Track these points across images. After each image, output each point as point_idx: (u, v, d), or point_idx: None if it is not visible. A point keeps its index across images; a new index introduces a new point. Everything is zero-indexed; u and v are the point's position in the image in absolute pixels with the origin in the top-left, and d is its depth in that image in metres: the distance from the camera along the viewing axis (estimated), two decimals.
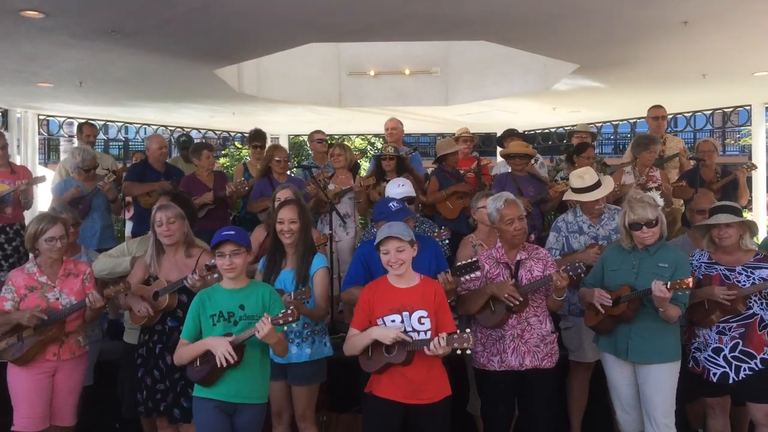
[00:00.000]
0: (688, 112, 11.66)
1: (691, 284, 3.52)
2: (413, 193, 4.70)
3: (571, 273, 3.66)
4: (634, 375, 3.83)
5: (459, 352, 3.19)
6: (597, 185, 4.55)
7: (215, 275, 3.67)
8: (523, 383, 3.82)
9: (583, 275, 3.83)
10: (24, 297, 3.93)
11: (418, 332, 3.31)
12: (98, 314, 4.09)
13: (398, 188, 4.60)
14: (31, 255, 4.20)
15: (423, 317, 3.33)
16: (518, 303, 3.71)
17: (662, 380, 3.71)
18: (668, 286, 3.51)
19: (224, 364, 3.22)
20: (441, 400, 3.38)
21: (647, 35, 6.54)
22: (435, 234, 4.44)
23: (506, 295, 3.72)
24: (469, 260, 3.72)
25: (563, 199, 4.95)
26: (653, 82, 8.69)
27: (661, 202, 3.99)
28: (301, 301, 3.66)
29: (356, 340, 3.38)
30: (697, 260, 4.05)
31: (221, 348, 3.22)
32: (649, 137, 6.43)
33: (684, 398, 4.02)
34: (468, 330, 3.20)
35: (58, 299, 3.95)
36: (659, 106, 7.07)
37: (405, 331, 3.29)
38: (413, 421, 3.37)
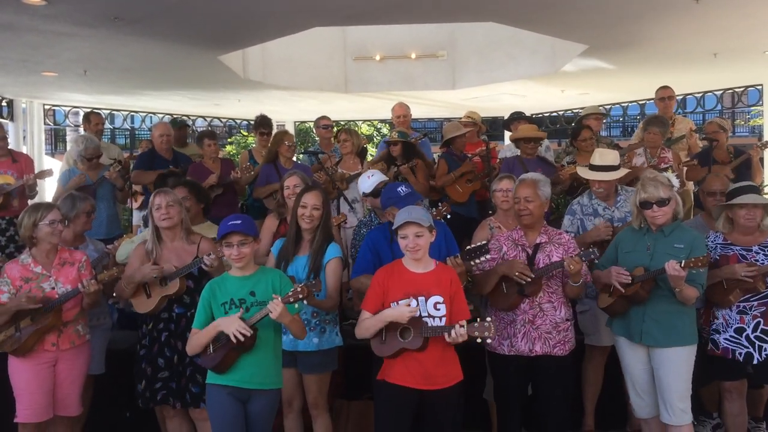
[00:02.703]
0: (698, 93, 11.54)
1: (707, 261, 3.46)
2: (385, 177, 4.62)
3: (584, 259, 3.61)
4: (648, 359, 3.78)
5: (479, 341, 3.15)
6: (612, 168, 4.49)
7: (223, 256, 3.62)
8: (535, 369, 3.79)
9: (596, 261, 3.77)
10: (20, 288, 3.91)
11: (433, 318, 3.28)
12: (96, 301, 4.03)
13: (369, 179, 4.51)
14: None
15: (439, 303, 3.30)
16: (529, 280, 3.67)
17: (678, 364, 3.65)
18: (683, 264, 3.45)
19: (240, 339, 3.18)
20: (453, 386, 3.35)
21: (658, 14, 6.44)
22: (435, 212, 4.37)
23: (517, 273, 3.68)
24: (479, 243, 3.67)
25: (579, 174, 4.89)
26: (663, 62, 8.58)
27: (676, 182, 3.92)
28: (311, 293, 3.63)
29: (369, 323, 3.34)
30: (712, 241, 4.01)
31: (233, 325, 3.20)
32: (656, 118, 6.36)
33: (699, 382, 3.97)
34: (489, 319, 3.17)
35: (54, 288, 3.93)
36: (666, 87, 6.99)
37: (420, 316, 3.26)
38: (426, 407, 3.34)
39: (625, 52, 8.03)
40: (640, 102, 12.19)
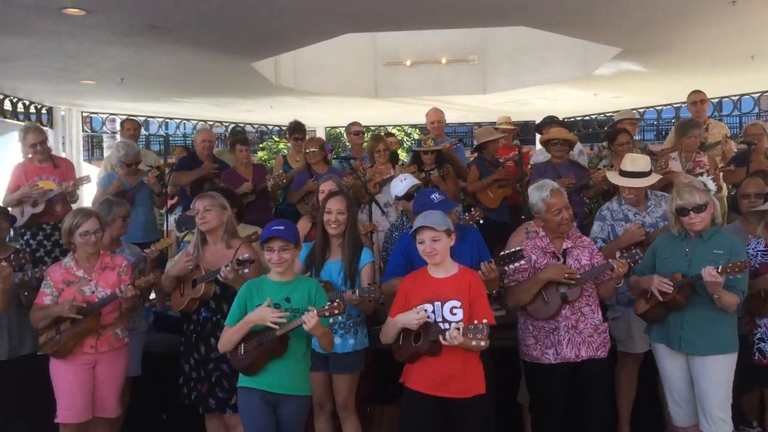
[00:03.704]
0: (734, 96, 11.30)
1: (745, 266, 3.40)
2: (418, 181, 4.63)
3: (629, 261, 3.57)
4: (687, 366, 3.71)
5: (473, 343, 3.11)
6: (644, 174, 4.43)
7: (246, 270, 3.70)
8: (578, 374, 3.75)
9: (640, 261, 3.73)
10: (61, 291, 3.99)
11: (450, 323, 3.26)
12: (134, 305, 4.11)
13: (401, 183, 4.51)
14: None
15: (455, 307, 3.28)
16: (575, 281, 3.65)
17: (718, 372, 3.59)
18: (719, 270, 3.39)
19: (278, 326, 3.23)
20: (474, 397, 3.31)
21: (693, 16, 6.34)
22: (467, 217, 4.36)
23: (566, 275, 3.65)
24: (514, 249, 3.66)
25: (607, 177, 4.84)
26: (698, 65, 8.43)
27: (713, 186, 3.84)
28: (366, 299, 3.65)
29: (387, 328, 3.41)
30: (753, 249, 3.92)
31: (268, 316, 3.25)
32: (689, 122, 6.26)
33: (739, 389, 3.89)
34: (485, 320, 3.14)
35: (94, 292, 4.00)
36: (698, 91, 6.88)
37: (435, 321, 3.27)
38: (450, 418, 3.32)
39: (658, 55, 7.91)
40: (675, 105, 11.99)
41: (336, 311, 3.24)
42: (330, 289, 3.74)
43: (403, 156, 11.03)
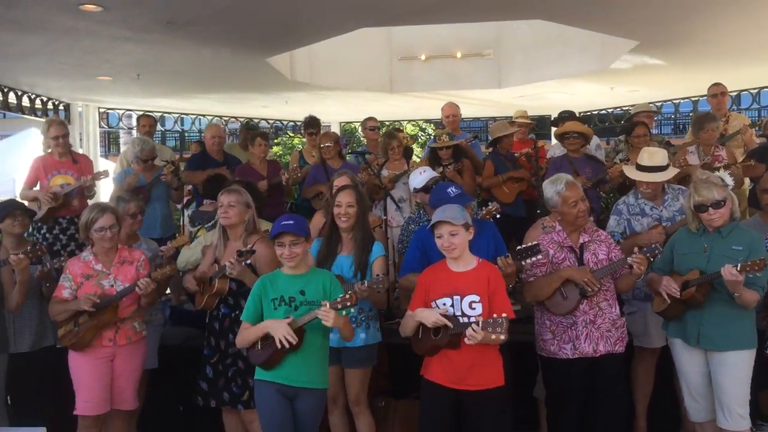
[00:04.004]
0: (753, 89, 11.14)
1: (765, 264, 3.36)
2: (437, 174, 4.63)
3: (648, 255, 3.55)
4: (705, 362, 3.69)
5: (493, 337, 3.09)
6: (661, 168, 4.38)
7: (248, 261, 3.75)
8: (595, 369, 3.73)
9: (659, 256, 3.70)
10: (80, 285, 4.03)
11: (469, 317, 3.26)
12: (153, 299, 4.16)
13: (420, 175, 4.50)
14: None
15: (474, 302, 3.28)
16: (597, 289, 3.65)
17: (737, 368, 3.56)
18: (738, 268, 3.35)
19: (286, 346, 3.24)
20: (492, 389, 3.31)
21: (712, 8, 6.25)
22: (484, 212, 4.34)
23: (586, 280, 3.64)
24: (531, 243, 3.64)
25: (624, 172, 4.80)
26: (717, 57, 8.31)
27: (730, 181, 3.81)
28: (375, 290, 3.66)
29: (405, 322, 3.42)
30: None
31: (281, 331, 3.25)
32: (707, 115, 6.18)
33: (757, 385, 3.84)
34: (504, 314, 3.12)
35: (112, 286, 4.03)
36: (718, 84, 6.81)
37: (454, 315, 3.26)
38: (465, 410, 3.33)
39: (677, 47, 7.81)
40: (693, 99, 11.84)
41: (348, 303, 3.24)
42: (341, 283, 3.74)
43: (417, 151, 11.02)
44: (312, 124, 7.18)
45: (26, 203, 5.34)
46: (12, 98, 9.37)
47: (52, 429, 3.76)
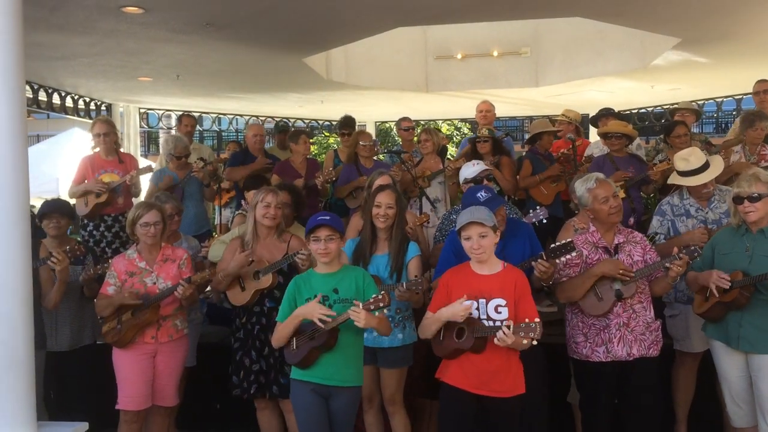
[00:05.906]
0: None
1: None
2: (489, 167, 4.59)
3: (687, 255, 3.47)
4: (746, 365, 3.59)
5: (525, 342, 3.04)
6: (704, 167, 4.27)
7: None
8: (628, 373, 3.67)
9: (698, 258, 3.62)
10: (124, 282, 4.11)
11: (494, 321, 3.20)
12: (195, 299, 4.24)
13: (473, 167, 4.46)
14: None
15: (500, 306, 3.23)
16: (631, 277, 3.57)
17: None
18: None
19: (327, 322, 3.23)
20: (514, 396, 3.27)
21: (756, 3, 6.08)
22: (531, 215, 4.30)
23: (621, 271, 3.57)
24: (564, 241, 3.58)
25: (668, 182, 4.69)
26: (763, 54, 8.09)
27: None
28: (415, 291, 3.65)
29: (428, 322, 3.34)
30: None
31: (316, 312, 3.26)
32: (755, 113, 5.99)
33: None
34: (537, 319, 3.06)
35: (155, 284, 4.11)
36: (763, 81, 6.58)
37: (479, 318, 3.22)
38: (487, 414, 3.28)
39: (720, 44, 7.61)
40: (736, 97, 11.54)
41: (381, 304, 3.22)
42: (377, 284, 3.74)
43: (452, 150, 10.97)
44: (346, 124, 7.20)
45: (73, 201, 5.46)
46: (56, 99, 9.63)
47: (95, 424, 3.84)
